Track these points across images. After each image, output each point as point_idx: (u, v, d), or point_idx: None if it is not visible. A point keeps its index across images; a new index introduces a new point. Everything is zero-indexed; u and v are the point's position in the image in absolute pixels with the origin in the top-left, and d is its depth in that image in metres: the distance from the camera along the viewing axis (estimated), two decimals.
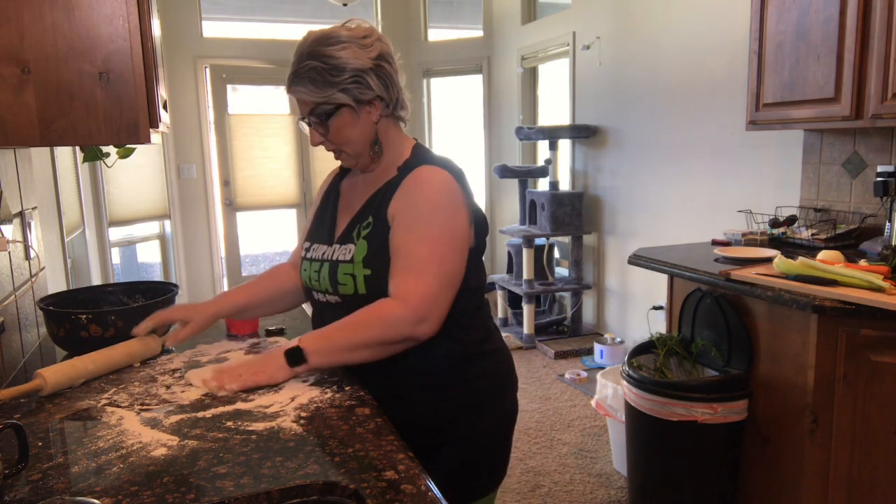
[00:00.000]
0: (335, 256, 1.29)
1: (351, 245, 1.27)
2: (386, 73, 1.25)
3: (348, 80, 1.21)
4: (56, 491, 0.89)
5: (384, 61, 1.25)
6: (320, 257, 1.33)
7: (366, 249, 1.25)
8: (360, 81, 1.22)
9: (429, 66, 5.96)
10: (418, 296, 1.17)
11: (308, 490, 0.89)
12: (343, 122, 1.24)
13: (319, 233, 1.39)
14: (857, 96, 2.13)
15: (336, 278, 1.27)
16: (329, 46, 1.20)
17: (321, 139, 1.28)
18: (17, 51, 1.10)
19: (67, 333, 1.45)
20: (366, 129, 1.27)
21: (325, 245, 1.34)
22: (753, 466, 2.13)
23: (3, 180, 1.47)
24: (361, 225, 1.28)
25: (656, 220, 3.86)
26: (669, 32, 3.61)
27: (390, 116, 1.30)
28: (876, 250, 2.15)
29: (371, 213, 1.28)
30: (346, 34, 1.22)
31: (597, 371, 3.55)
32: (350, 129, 1.25)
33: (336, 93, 1.21)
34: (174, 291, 1.65)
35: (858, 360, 1.78)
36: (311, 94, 1.22)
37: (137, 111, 1.19)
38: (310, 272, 1.34)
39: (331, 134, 1.26)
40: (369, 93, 1.23)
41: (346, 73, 1.20)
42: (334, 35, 1.22)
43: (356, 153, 1.29)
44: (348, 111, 1.24)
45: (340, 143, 1.28)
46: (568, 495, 2.65)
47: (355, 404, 1.16)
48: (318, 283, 1.32)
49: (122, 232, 4.62)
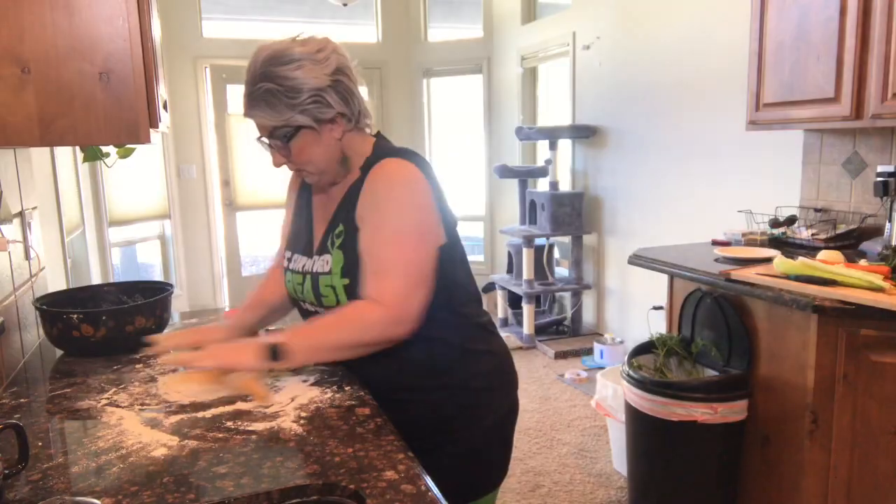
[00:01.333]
0: (315, 268, 1.28)
1: (327, 255, 1.26)
2: (345, 87, 1.20)
3: (307, 101, 1.16)
4: (56, 491, 0.89)
5: (341, 75, 1.20)
6: (301, 269, 1.31)
7: (342, 259, 1.23)
8: (320, 101, 1.17)
9: (429, 66, 5.96)
10: (391, 298, 1.15)
11: (308, 490, 0.89)
12: (304, 143, 1.20)
13: (298, 243, 1.37)
14: (857, 96, 2.12)
15: (318, 291, 1.26)
16: (283, 66, 1.15)
17: (283, 160, 1.24)
18: (17, 51, 1.10)
19: (60, 333, 1.45)
20: (329, 147, 1.22)
21: (305, 257, 1.32)
22: (753, 466, 2.12)
23: (3, 180, 1.47)
24: (334, 234, 1.26)
25: (656, 220, 3.86)
26: (669, 32, 3.61)
27: (354, 129, 1.25)
28: (876, 250, 2.15)
29: (340, 220, 1.26)
30: (300, 50, 1.16)
31: (597, 371, 3.55)
32: (312, 149, 1.21)
33: (295, 115, 1.16)
34: (169, 291, 1.65)
35: (858, 360, 1.78)
36: (268, 118, 1.17)
37: (137, 111, 1.18)
38: (293, 284, 1.33)
39: (293, 155, 1.22)
40: (330, 111, 1.18)
41: (304, 94, 1.15)
42: (287, 53, 1.16)
43: (319, 171, 1.25)
44: (309, 132, 1.19)
45: (303, 164, 1.24)
46: (568, 495, 2.65)
47: (355, 404, 1.16)
48: (302, 295, 1.31)
49: (122, 232, 4.62)
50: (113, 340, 1.46)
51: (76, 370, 1.39)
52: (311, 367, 1.36)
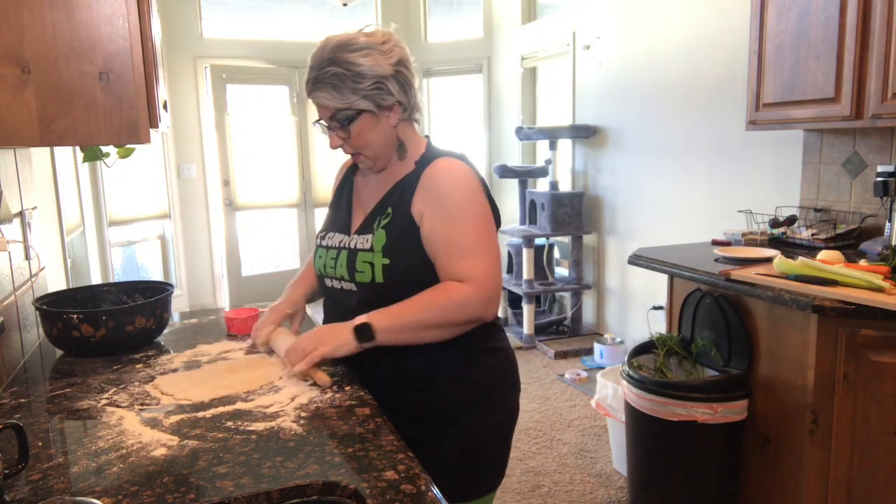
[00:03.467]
0: (353, 245, 1.32)
1: (369, 235, 1.30)
2: (405, 78, 1.27)
3: (370, 87, 1.22)
4: (56, 491, 0.89)
5: (403, 67, 1.27)
6: (337, 245, 1.35)
7: (384, 238, 1.27)
8: (382, 88, 1.23)
9: (429, 66, 5.95)
10: (482, 277, 1.22)
11: (308, 490, 0.89)
12: (364, 126, 1.26)
13: (336, 223, 1.41)
14: (857, 96, 2.12)
15: (354, 266, 1.29)
16: (351, 53, 1.21)
17: (341, 142, 1.30)
18: (17, 51, 1.10)
19: (60, 332, 1.45)
20: (385, 133, 1.29)
21: (342, 234, 1.36)
22: (753, 466, 2.12)
23: (3, 180, 1.47)
24: (381, 216, 1.30)
25: (656, 220, 3.86)
26: (669, 32, 3.61)
27: (407, 119, 1.32)
28: (876, 250, 2.15)
29: (390, 205, 1.30)
30: (366, 40, 1.23)
31: (597, 371, 3.55)
32: (370, 134, 1.27)
33: (358, 99, 1.23)
34: (169, 291, 1.65)
35: (858, 360, 1.78)
36: (332, 100, 1.24)
37: (137, 111, 1.19)
38: (325, 259, 1.37)
39: (351, 138, 1.28)
40: (390, 98, 1.25)
41: (368, 80, 1.22)
42: (355, 41, 1.23)
43: (375, 156, 1.31)
44: (369, 116, 1.25)
45: (360, 147, 1.30)
46: (568, 495, 2.65)
47: (355, 404, 1.16)
48: (333, 269, 1.35)
49: (122, 232, 4.62)
50: (113, 340, 1.46)
51: (76, 370, 1.39)
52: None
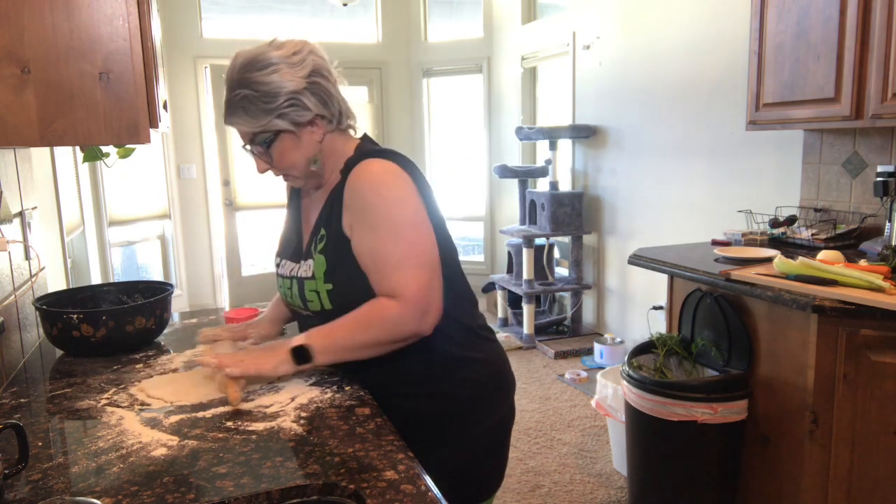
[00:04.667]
0: (300, 273, 1.27)
1: (310, 261, 1.25)
2: (322, 88, 1.20)
3: (283, 105, 1.16)
4: (56, 491, 0.89)
5: (319, 77, 1.19)
6: (288, 274, 1.31)
7: (324, 264, 1.22)
8: (297, 104, 1.17)
9: (429, 66, 5.96)
10: (413, 290, 1.14)
11: (308, 490, 0.89)
12: (285, 147, 1.20)
13: (287, 248, 1.37)
14: (857, 96, 2.12)
15: (304, 296, 1.26)
16: (258, 71, 1.15)
17: (266, 166, 1.24)
18: (17, 51, 1.10)
19: (60, 333, 1.45)
20: (310, 149, 1.22)
21: (293, 262, 1.32)
22: (753, 466, 2.12)
23: (3, 180, 1.47)
24: (316, 239, 1.25)
25: (656, 220, 3.86)
26: (669, 32, 3.61)
27: (335, 130, 1.25)
28: (876, 250, 2.15)
29: (322, 225, 1.25)
30: (276, 55, 1.17)
31: (597, 371, 3.55)
32: (293, 153, 1.21)
33: (273, 120, 1.16)
34: (169, 291, 1.65)
35: (858, 360, 1.78)
36: (246, 125, 1.18)
37: (137, 111, 1.18)
38: (283, 289, 1.34)
39: (275, 161, 1.22)
40: (307, 114, 1.18)
41: (281, 98, 1.15)
42: (262, 58, 1.16)
43: (303, 175, 1.26)
44: (289, 136, 1.19)
45: (286, 168, 1.24)
46: (568, 495, 2.65)
47: (355, 404, 1.16)
48: (291, 299, 1.32)
49: (122, 232, 4.62)
50: (113, 340, 1.46)
51: (76, 370, 1.39)
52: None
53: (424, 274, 1.16)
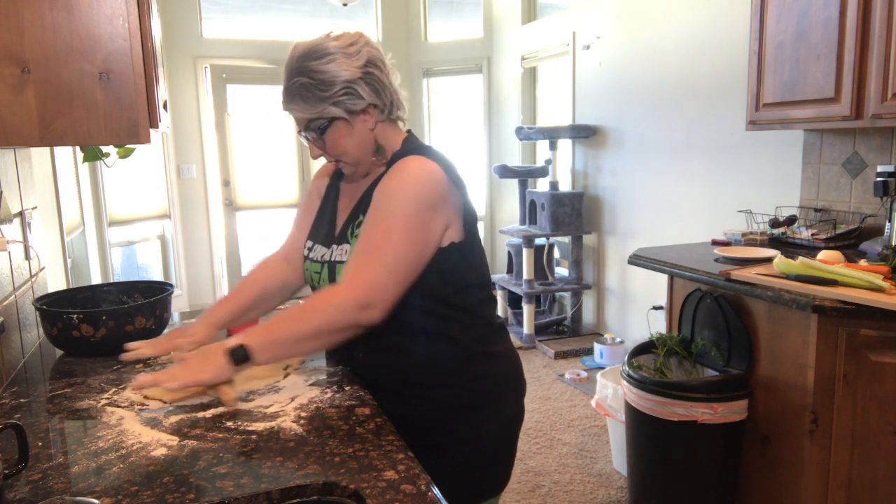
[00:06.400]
0: (333, 257, 1.30)
1: (346, 245, 1.28)
2: (376, 79, 1.24)
3: (339, 93, 1.20)
4: (56, 491, 0.89)
5: (373, 67, 1.23)
6: (320, 259, 1.33)
7: None
8: (351, 92, 1.21)
9: (429, 66, 5.95)
10: (364, 281, 1.14)
11: (308, 490, 0.89)
12: (338, 134, 1.24)
13: (319, 233, 1.39)
14: (857, 96, 2.12)
15: (335, 279, 1.27)
16: (315, 61, 1.19)
17: (320, 152, 1.28)
18: (17, 51, 1.10)
19: (60, 332, 1.45)
20: (362, 138, 1.26)
21: (325, 247, 1.34)
22: (753, 466, 2.12)
23: (3, 180, 1.47)
24: (354, 224, 1.28)
25: (656, 220, 3.86)
26: (669, 32, 3.61)
27: (386, 120, 1.29)
28: (876, 250, 2.15)
29: (361, 211, 1.28)
30: (333, 45, 1.21)
31: (597, 371, 3.55)
32: (346, 140, 1.25)
33: (328, 107, 1.21)
34: (169, 291, 1.65)
35: (858, 360, 1.78)
36: (303, 111, 1.22)
37: (137, 111, 1.19)
38: (311, 273, 1.35)
39: (328, 147, 1.26)
40: (361, 102, 1.22)
41: (336, 86, 1.20)
42: (320, 48, 1.21)
43: (355, 162, 1.29)
44: (342, 123, 1.23)
45: (339, 155, 1.28)
46: (568, 495, 2.65)
47: (355, 404, 1.16)
48: (320, 284, 1.33)
49: (122, 232, 4.61)
50: (113, 340, 1.46)
51: (76, 370, 1.39)
52: (310, 368, 1.36)
53: (385, 273, 1.15)
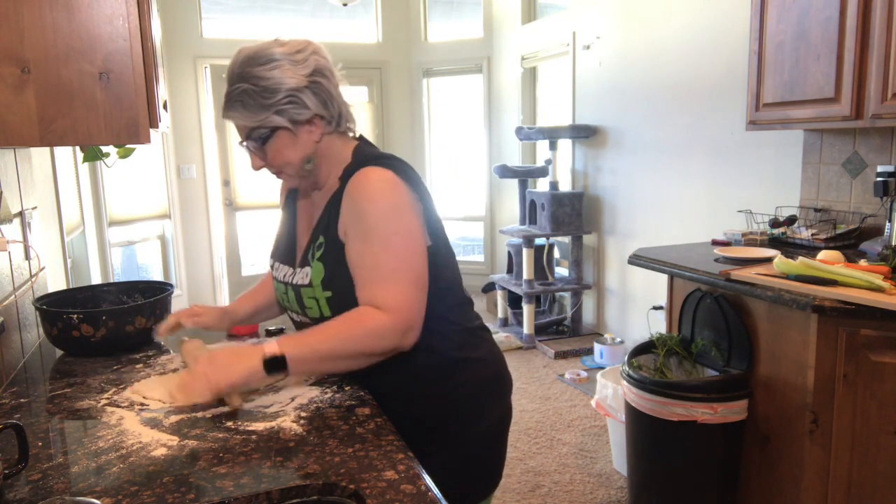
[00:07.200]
0: (296, 280, 1.26)
1: (308, 269, 1.24)
2: (323, 89, 1.18)
3: (283, 101, 1.14)
4: (56, 491, 0.89)
5: (321, 76, 1.18)
6: (283, 279, 1.30)
7: (322, 272, 1.21)
8: (296, 101, 1.15)
9: (429, 66, 5.96)
10: (396, 304, 1.11)
11: (308, 490, 0.89)
12: (281, 144, 1.19)
13: (280, 251, 1.36)
14: (857, 96, 2.12)
15: (302, 303, 1.25)
16: (259, 66, 1.14)
17: (261, 163, 1.22)
18: (17, 51, 1.10)
19: (60, 332, 1.45)
20: (306, 149, 1.20)
21: (288, 266, 1.31)
22: (753, 466, 2.12)
23: (3, 180, 1.47)
24: (314, 246, 1.23)
25: (656, 220, 3.86)
26: (669, 32, 3.61)
27: (334, 132, 1.23)
28: (876, 250, 2.15)
29: (321, 233, 1.23)
30: (279, 51, 1.15)
31: (597, 371, 3.55)
32: (289, 152, 1.19)
33: (270, 115, 1.15)
34: (169, 291, 1.65)
35: (858, 360, 1.78)
36: (243, 119, 1.17)
37: (137, 111, 1.19)
38: (279, 293, 1.33)
39: (269, 158, 1.20)
40: (306, 112, 1.17)
41: (280, 94, 1.14)
42: (265, 53, 1.15)
43: (298, 174, 1.24)
44: (286, 133, 1.18)
45: (280, 166, 1.22)
46: (568, 495, 2.65)
47: (355, 404, 1.16)
48: (288, 304, 1.31)
49: (122, 232, 4.62)
50: (113, 340, 1.46)
51: (76, 370, 1.39)
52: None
53: (413, 290, 1.14)
